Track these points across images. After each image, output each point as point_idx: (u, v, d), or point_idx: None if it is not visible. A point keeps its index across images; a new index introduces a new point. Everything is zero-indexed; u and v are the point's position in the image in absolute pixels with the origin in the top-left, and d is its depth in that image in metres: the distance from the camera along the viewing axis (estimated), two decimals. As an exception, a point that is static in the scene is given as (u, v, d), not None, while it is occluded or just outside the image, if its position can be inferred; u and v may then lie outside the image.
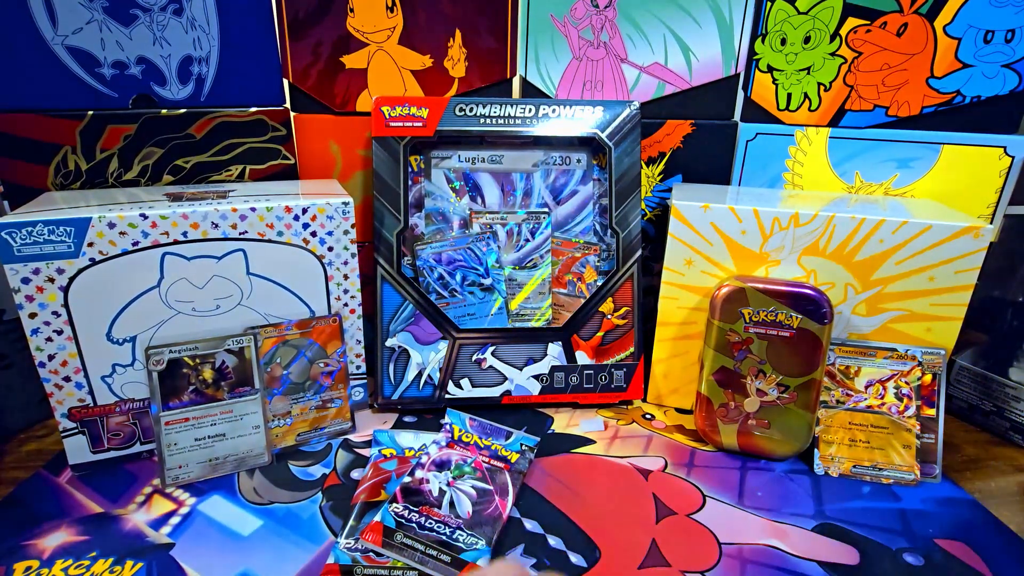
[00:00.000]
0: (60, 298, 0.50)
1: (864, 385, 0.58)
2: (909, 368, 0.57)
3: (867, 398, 0.58)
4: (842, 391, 0.58)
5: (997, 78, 0.61)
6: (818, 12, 0.64)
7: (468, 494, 0.51)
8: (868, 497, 0.54)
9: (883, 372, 0.57)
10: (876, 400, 0.57)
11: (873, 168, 0.66)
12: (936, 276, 0.56)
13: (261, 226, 0.55)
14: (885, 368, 0.57)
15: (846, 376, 0.58)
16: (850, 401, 0.58)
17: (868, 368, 0.58)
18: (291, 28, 0.64)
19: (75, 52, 0.58)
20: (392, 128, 0.63)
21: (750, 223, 0.58)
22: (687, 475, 0.57)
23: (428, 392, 0.64)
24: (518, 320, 0.67)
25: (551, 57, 0.68)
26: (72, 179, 0.61)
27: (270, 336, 0.56)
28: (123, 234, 0.51)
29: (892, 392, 0.57)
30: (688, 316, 0.63)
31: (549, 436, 0.62)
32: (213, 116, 0.63)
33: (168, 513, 0.51)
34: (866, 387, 0.58)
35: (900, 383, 0.57)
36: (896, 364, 0.57)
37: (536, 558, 0.46)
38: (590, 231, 0.68)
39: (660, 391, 0.68)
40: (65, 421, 0.53)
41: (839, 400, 0.58)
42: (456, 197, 0.67)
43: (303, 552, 0.47)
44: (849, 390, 0.58)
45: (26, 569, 0.45)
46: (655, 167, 0.71)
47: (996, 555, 0.48)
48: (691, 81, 0.68)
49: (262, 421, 0.56)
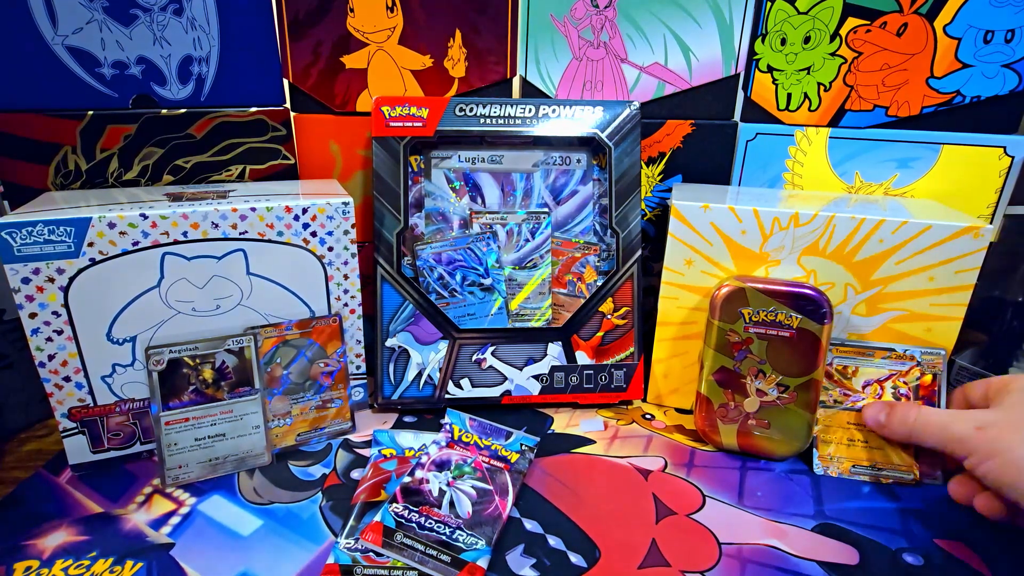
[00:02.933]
0: (60, 298, 0.50)
1: (862, 385, 0.58)
2: (907, 368, 0.57)
3: (865, 398, 0.57)
4: (840, 391, 0.58)
5: (997, 78, 0.61)
6: (818, 12, 0.64)
7: (468, 494, 0.51)
8: (868, 497, 0.54)
9: (881, 372, 0.57)
10: (873, 400, 0.57)
11: (873, 168, 0.66)
12: (936, 276, 0.56)
13: (261, 226, 0.55)
14: (883, 368, 0.57)
15: (844, 376, 0.58)
16: (848, 401, 0.58)
17: (866, 368, 0.58)
18: (291, 28, 0.64)
19: (75, 52, 0.58)
20: (392, 128, 0.63)
21: (750, 223, 0.58)
22: (687, 475, 0.57)
23: (428, 392, 0.64)
24: (518, 320, 0.67)
25: (551, 57, 0.68)
26: (72, 179, 0.61)
27: (270, 336, 0.56)
28: (123, 234, 0.51)
29: (890, 392, 0.57)
30: (688, 316, 0.63)
31: (549, 436, 0.62)
32: (213, 116, 0.63)
33: (168, 513, 0.51)
34: (864, 387, 0.58)
35: (898, 383, 0.57)
36: (894, 364, 0.57)
37: (536, 558, 0.47)
38: (590, 231, 0.68)
39: (660, 391, 0.68)
40: (65, 421, 0.53)
41: (837, 400, 0.58)
42: (456, 197, 0.67)
43: (303, 552, 0.47)
44: (847, 390, 0.58)
45: (26, 569, 0.45)
46: (655, 167, 0.71)
47: (996, 555, 0.48)
48: (691, 81, 0.68)
49: (262, 421, 0.56)
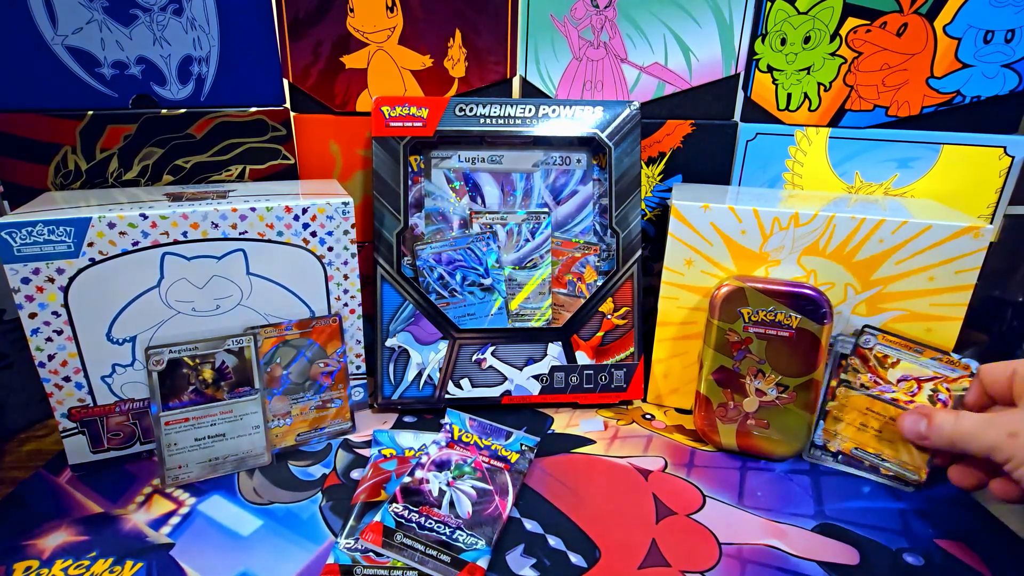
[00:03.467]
0: (60, 298, 0.50)
1: (898, 379, 0.55)
2: (957, 376, 0.53)
3: (895, 391, 0.55)
4: (871, 376, 0.55)
5: (997, 78, 0.61)
6: (818, 12, 0.64)
7: (468, 494, 0.51)
8: (868, 497, 0.54)
9: (925, 371, 0.54)
10: (905, 396, 0.54)
11: (873, 168, 0.66)
12: (936, 276, 0.56)
13: (261, 226, 0.55)
14: (928, 368, 0.54)
15: (880, 364, 0.55)
16: (876, 389, 0.55)
17: (909, 363, 0.54)
18: (291, 28, 0.64)
19: (75, 52, 0.58)
20: (392, 128, 0.63)
21: (750, 223, 0.58)
22: (687, 475, 0.57)
23: (428, 392, 0.64)
24: (518, 320, 0.67)
25: (551, 57, 0.68)
26: (72, 179, 0.61)
27: (270, 336, 0.56)
28: (123, 234, 0.51)
29: (927, 394, 0.54)
30: (688, 316, 0.63)
31: (549, 436, 0.62)
32: (213, 116, 0.63)
33: (168, 513, 0.51)
34: (898, 381, 0.55)
35: (940, 387, 0.53)
36: (943, 367, 0.54)
37: (536, 558, 0.47)
38: (590, 231, 0.68)
39: (660, 391, 0.68)
40: (65, 421, 0.53)
41: (864, 384, 0.55)
42: (456, 197, 0.67)
43: (303, 552, 0.47)
44: (879, 378, 0.55)
45: (26, 569, 0.45)
46: (655, 167, 0.71)
47: (996, 555, 0.48)
48: (691, 81, 0.68)
49: (262, 421, 0.56)
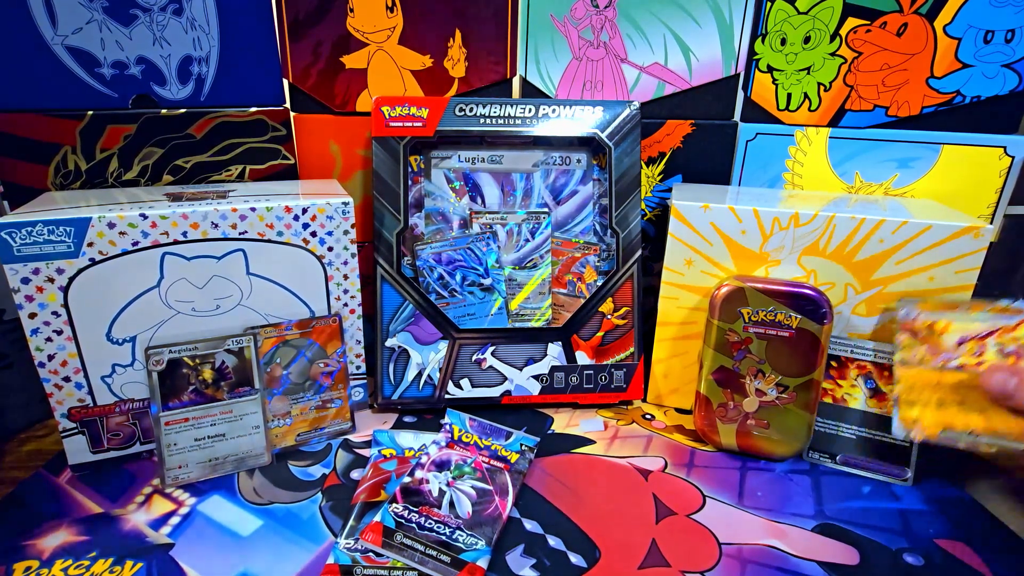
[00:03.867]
0: (60, 298, 0.50)
1: (956, 342, 0.50)
2: (1016, 323, 0.48)
3: (959, 356, 0.50)
4: (927, 349, 0.51)
5: (997, 78, 0.61)
6: (818, 12, 0.64)
7: (468, 494, 0.51)
8: (868, 497, 0.54)
9: (980, 327, 0.49)
10: (972, 359, 0.49)
11: (873, 168, 0.66)
12: (936, 276, 0.56)
13: (261, 226, 0.55)
14: (982, 323, 0.49)
15: (931, 332, 0.51)
16: (938, 359, 0.50)
17: (960, 324, 0.50)
18: (291, 28, 0.64)
19: (75, 52, 0.58)
20: (392, 128, 0.63)
21: (750, 223, 0.58)
22: (687, 475, 0.57)
23: (428, 392, 0.64)
24: (518, 320, 0.67)
25: (551, 57, 0.68)
26: (72, 179, 0.61)
27: (270, 336, 0.56)
28: (123, 234, 0.51)
29: (993, 350, 0.48)
30: (688, 316, 0.63)
31: (549, 436, 0.62)
32: (213, 116, 0.63)
33: (168, 513, 0.51)
34: (958, 344, 0.50)
35: (1003, 339, 0.48)
36: (997, 318, 0.49)
37: (536, 558, 0.47)
38: (590, 231, 0.68)
39: (660, 391, 0.68)
40: (65, 421, 0.53)
41: (923, 359, 0.51)
42: (456, 197, 0.67)
43: (303, 552, 0.47)
44: (936, 348, 0.50)
45: (26, 569, 0.45)
46: (655, 167, 0.71)
47: (996, 555, 0.48)
48: (691, 81, 0.68)
49: (262, 421, 0.56)
